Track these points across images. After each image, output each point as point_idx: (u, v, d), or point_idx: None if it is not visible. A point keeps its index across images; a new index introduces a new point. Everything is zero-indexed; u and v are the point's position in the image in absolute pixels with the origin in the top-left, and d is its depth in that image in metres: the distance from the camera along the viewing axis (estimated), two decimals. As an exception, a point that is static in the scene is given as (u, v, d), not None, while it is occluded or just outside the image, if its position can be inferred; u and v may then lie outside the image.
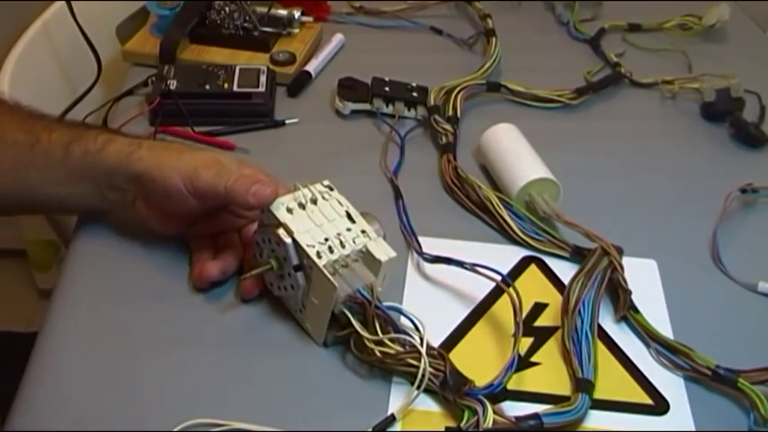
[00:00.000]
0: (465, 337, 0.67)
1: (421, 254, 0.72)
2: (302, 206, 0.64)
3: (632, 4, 1.16)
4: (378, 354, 0.61)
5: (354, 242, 0.63)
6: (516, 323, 0.63)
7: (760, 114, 0.95)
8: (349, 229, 0.64)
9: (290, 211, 0.63)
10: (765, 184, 0.82)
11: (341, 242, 0.62)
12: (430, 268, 0.72)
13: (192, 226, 0.70)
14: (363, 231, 0.64)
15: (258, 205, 0.63)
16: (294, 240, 0.61)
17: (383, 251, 0.63)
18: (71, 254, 0.72)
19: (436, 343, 0.65)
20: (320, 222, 0.63)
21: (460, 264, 0.68)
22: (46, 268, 1.47)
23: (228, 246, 0.69)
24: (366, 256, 0.63)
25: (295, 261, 0.62)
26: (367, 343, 0.61)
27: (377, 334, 0.61)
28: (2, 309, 1.49)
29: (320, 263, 0.60)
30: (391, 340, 0.61)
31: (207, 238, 0.70)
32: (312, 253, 0.61)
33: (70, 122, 0.73)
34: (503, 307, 0.68)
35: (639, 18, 1.12)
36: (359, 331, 0.61)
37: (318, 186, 0.66)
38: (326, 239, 0.62)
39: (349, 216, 0.65)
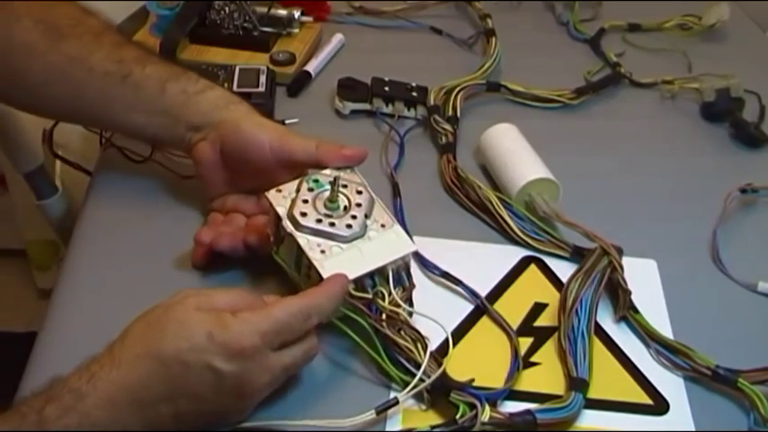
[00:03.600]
0: (465, 337, 0.67)
1: (427, 265, 0.72)
2: None
3: (632, 4, 1.16)
4: (391, 318, 0.63)
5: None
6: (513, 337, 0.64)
7: (760, 114, 0.95)
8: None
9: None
10: (765, 184, 0.82)
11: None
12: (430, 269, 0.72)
13: (230, 190, 0.72)
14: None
15: (350, 160, 0.68)
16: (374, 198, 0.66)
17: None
18: (71, 254, 0.72)
19: (436, 341, 0.64)
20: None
21: (474, 294, 0.70)
22: (46, 268, 1.47)
23: (232, 223, 0.71)
24: None
25: (368, 211, 0.65)
26: (386, 304, 0.62)
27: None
28: (2, 309, 1.49)
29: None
30: (408, 314, 0.63)
31: (221, 216, 0.72)
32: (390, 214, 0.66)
33: (159, 58, 0.74)
34: (502, 307, 0.68)
35: (639, 18, 1.12)
36: (390, 288, 0.63)
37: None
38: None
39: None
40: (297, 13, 0.98)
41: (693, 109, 0.97)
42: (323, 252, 0.62)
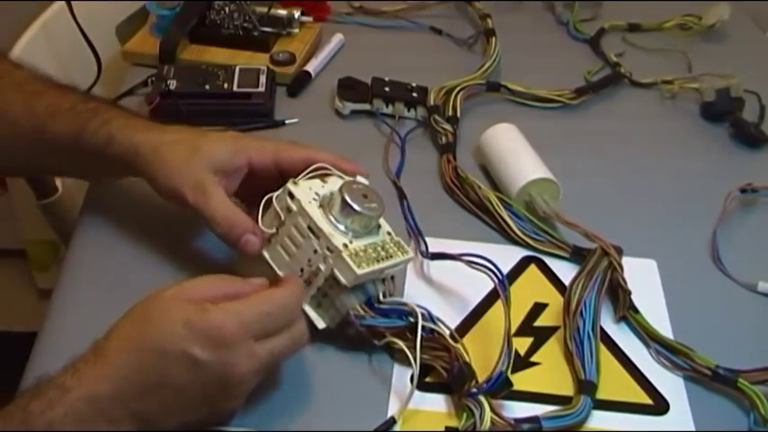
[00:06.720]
0: (465, 337, 0.67)
1: (420, 251, 0.72)
2: (282, 223, 0.62)
3: (632, 4, 1.16)
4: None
5: (325, 263, 0.60)
6: (507, 316, 0.62)
7: (760, 114, 0.95)
8: (316, 251, 0.61)
9: (269, 241, 0.63)
10: (765, 184, 0.82)
11: (314, 271, 0.61)
12: (431, 270, 0.72)
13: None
14: (329, 248, 0.60)
15: (246, 255, 0.64)
16: None
17: (347, 270, 0.59)
18: (71, 254, 0.72)
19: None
20: (293, 252, 0.62)
21: (454, 257, 0.67)
22: (46, 268, 1.47)
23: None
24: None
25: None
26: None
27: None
28: (2, 309, 1.49)
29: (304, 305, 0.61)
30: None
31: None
32: None
33: (73, 105, 0.70)
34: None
35: (639, 18, 1.12)
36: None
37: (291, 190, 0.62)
38: (302, 270, 0.61)
39: (312, 231, 0.61)
40: (297, 13, 0.98)
41: (693, 109, 0.97)
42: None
